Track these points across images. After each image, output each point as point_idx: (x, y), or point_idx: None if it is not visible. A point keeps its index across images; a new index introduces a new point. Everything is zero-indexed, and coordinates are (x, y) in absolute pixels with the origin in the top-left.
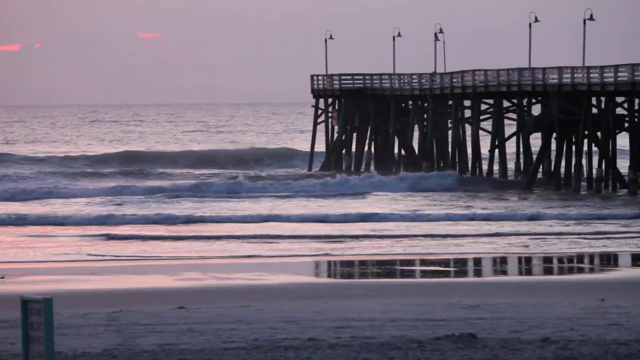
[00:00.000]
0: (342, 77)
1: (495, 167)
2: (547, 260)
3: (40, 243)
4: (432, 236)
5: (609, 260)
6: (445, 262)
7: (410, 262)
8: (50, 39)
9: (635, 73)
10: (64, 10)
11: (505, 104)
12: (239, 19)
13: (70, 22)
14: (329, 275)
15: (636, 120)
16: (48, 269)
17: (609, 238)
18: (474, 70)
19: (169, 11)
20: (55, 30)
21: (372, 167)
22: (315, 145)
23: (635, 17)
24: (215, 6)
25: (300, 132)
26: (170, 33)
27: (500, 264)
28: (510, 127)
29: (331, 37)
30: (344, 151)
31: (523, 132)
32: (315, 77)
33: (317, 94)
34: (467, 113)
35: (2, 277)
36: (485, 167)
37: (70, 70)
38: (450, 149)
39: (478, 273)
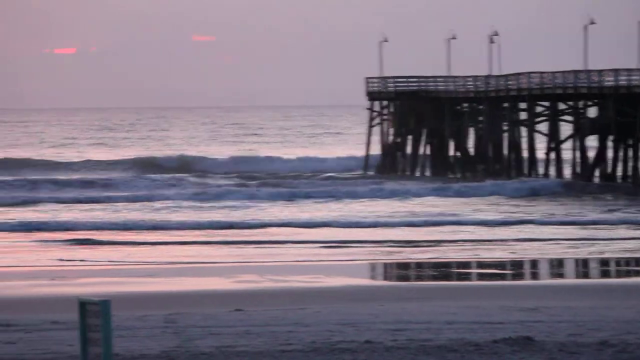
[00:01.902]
0: (397, 80)
1: (551, 170)
2: (604, 263)
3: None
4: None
5: None
6: (502, 265)
7: (467, 265)
8: (105, 43)
9: None
10: (119, 14)
11: (561, 106)
12: (294, 22)
13: (124, 26)
14: (385, 278)
15: None
16: (104, 270)
17: None
18: (529, 73)
19: (224, 14)
20: (110, 33)
21: (427, 170)
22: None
23: None
24: (270, 9)
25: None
26: (225, 36)
27: (557, 266)
28: (566, 130)
29: (385, 40)
30: (399, 154)
31: (579, 135)
32: (370, 80)
33: (372, 96)
34: (523, 115)
35: (52, 279)
36: (541, 170)
37: (123, 73)
38: (505, 152)
39: (535, 276)
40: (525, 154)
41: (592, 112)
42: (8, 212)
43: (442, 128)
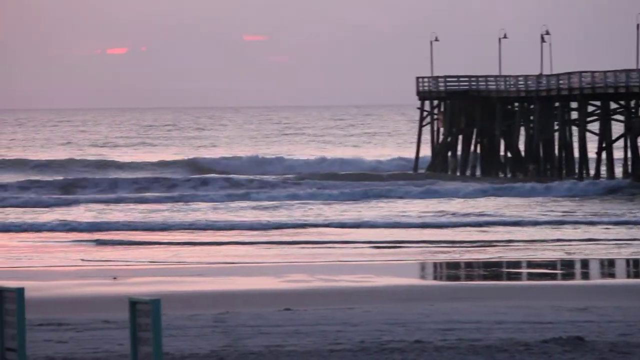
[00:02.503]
0: (448, 79)
1: (602, 169)
2: None
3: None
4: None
5: None
6: (552, 265)
7: (516, 264)
8: (156, 42)
9: None
10: (170, 13)
11: (613, 105)
12: (343, 22)
13: (175, 25)
14: (435, 278)
15: None
16: (155, 270)
17: None
18: (580, 72)
19: (275, 14)
20: (160, 33)
21: (477, 170)
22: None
23: None
24: (320, 8)
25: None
26: (276, 36)
27: (607, 266)
28: (617, 129)
29: (436, 39)
30: (449, 153)
31: (631, 134)
32: (420, 79)
33: (422, 96)
34: (574, 115)
35: (115, 278)
36: (592, 170)
37: (173, 72)
38: (556, 151)
39: (585, 276)
40: (576, 153)
41: None
42: (55, 212)
43: (493, 128)
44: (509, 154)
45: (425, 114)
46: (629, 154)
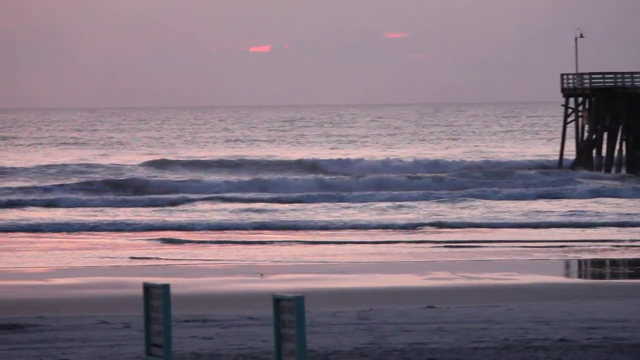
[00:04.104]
0: (593, 76)
1: None
2: None
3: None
4: None
5: None
6: None
7: None
8: (299, 40)
9: None
10: (312, 11)
11: None
12: (483, 18)
13: (316, 23)
14: (579, 276)
15: None
16: (298, 266)
17: None
18: None
19: (416, 11)
20: (302, 31)
21: (622, 168)
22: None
23: None
24: (462, 5)
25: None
26: (416, 33)
27: None
28: None
29: (581, 36)
30: (594, 151)
31: None
32: (565, 76)
33: (567, 93)
34: None
35: (262, 275)
36: None
37: (316, 70)
38: None
39: None
40: None
41: None
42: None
43: (639, 125)
44: None
45: (569, 111)
46: None
